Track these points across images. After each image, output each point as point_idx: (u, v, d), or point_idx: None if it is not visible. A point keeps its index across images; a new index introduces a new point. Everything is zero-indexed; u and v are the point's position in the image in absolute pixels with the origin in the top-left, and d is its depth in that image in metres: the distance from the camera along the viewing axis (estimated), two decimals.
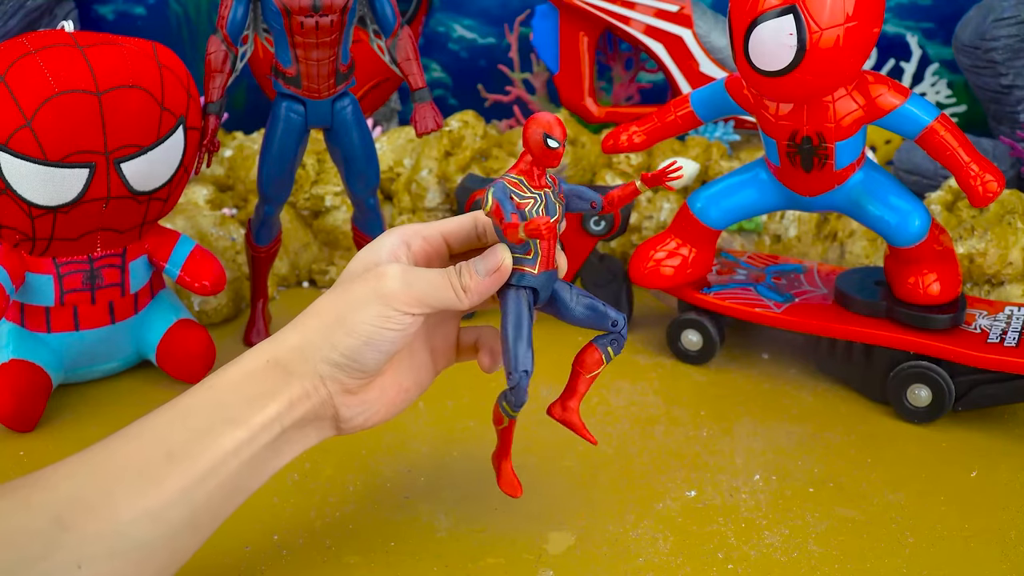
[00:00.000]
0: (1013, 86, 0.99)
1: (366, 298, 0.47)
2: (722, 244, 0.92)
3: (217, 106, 0.71)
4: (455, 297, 0.48)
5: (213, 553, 0.54)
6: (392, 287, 0.47)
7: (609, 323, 0.51)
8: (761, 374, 0.76)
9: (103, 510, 0.42)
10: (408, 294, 0.47)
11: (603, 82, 1.17)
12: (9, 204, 0.63)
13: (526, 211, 0.47)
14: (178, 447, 0.44)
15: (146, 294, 0.73)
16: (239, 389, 0.46)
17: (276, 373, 0.47)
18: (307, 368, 0.47)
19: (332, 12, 0.67)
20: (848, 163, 0.67)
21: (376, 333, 0.46)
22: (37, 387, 0.67)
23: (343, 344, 0.47)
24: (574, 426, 0.52)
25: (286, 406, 0.46)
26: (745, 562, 0.54)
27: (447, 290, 0.48)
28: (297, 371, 0.47)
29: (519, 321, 0.48)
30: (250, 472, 0.46)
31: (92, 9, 1.20)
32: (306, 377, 0.47)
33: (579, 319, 0.51)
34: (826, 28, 0.60)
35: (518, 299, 0.49)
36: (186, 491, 0.44)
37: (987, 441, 0.67)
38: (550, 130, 0.46)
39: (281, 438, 0.47)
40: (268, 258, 0.80)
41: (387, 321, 0.46)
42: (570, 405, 0.52)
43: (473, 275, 0.48)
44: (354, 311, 0.47)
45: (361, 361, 0.47)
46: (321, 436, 0.49)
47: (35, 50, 0.62)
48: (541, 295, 0.50)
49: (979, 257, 0.82)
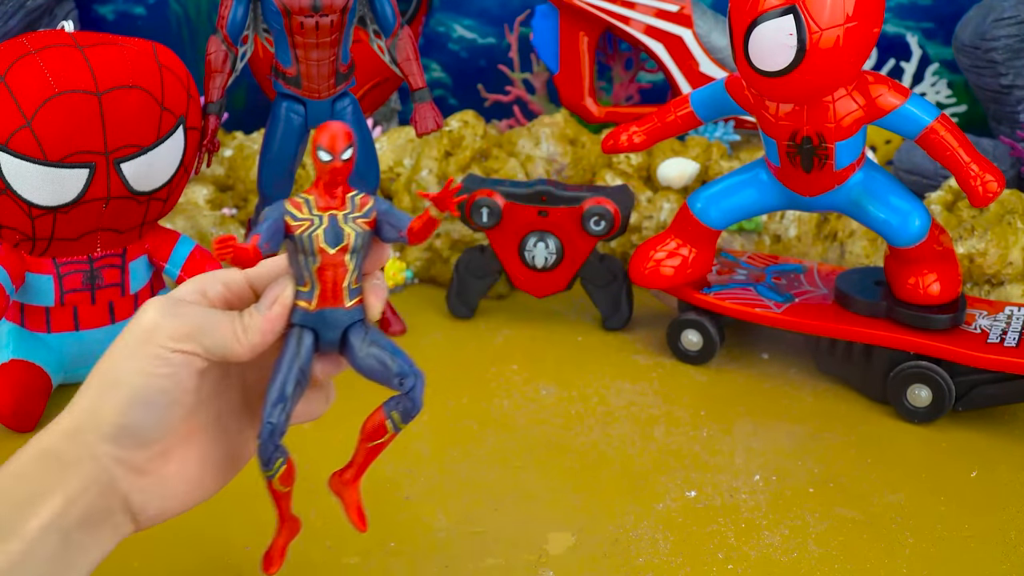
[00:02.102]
0: (1013, 86, 0.99)
1: (126, 345, 0.40)
2: (722, 244, 0.92)
3: (217, 106, 0.71)
4: (232, 336, 0.40)
5: (213, 553, 0.54)
6: (152, 319, 0.40)
7: (395, 381, 0.43)
8: (761, 374, 0.76)
9: None
10: (173, 326, 0.40)
11: (603, 82, 1.17)
12: (9, 204, 0.63)
13: (296, 235, 0.41)
14: None
15: (146, 294, 0.73)
16: (10, 493, 0.38)
17: (49, 466, 0.39)
18: (81, 452, 0.39)
19: (332, 12, 0.67)
20: (848, 163, 0.67)
21: (144, 383, 0.39)
22: (37, 387, 0.67)
23: (110, 410, 0.40)
24: (346, 505, 0.46)
25: (62, 505, 0.38)
26: (745, 562, 0.54)
27: (222, 326, 0.41)
28: (70, 459, 0.39)
29: (278, 366, 0.41)
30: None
31: (92, 9, 1.20)
32: (81, 463, 0.39)
33: (364, 370, 0.43)
34: (826, 28, 0.60)
35: (289, 339, 0.42)
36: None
37: (987, 441, 0.67)
38: (321, 141, 0.40)
39: (67, 546, 0.38)
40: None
41: (154, 363, 0.39)
42: (345, 476, 0.46)
43: (253, 313, 0.41)
44: (116, 365, 0.40)
45: (134, 426, 0.40)
46: (118, 535, 0.41)
47: (35, 50, 0.62)
48: (323, 336, 0.42)
49: (979, 257, 0.82)
